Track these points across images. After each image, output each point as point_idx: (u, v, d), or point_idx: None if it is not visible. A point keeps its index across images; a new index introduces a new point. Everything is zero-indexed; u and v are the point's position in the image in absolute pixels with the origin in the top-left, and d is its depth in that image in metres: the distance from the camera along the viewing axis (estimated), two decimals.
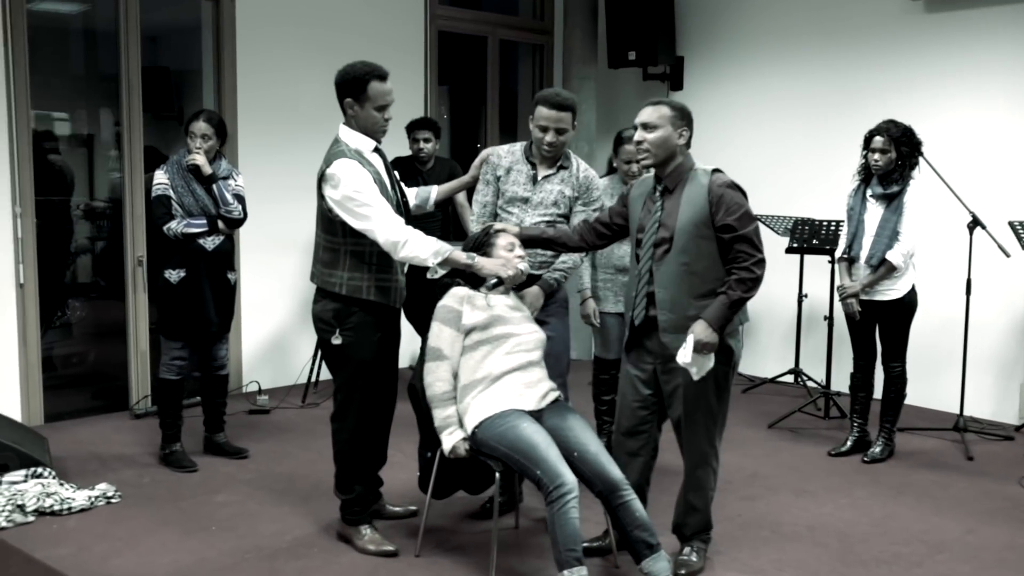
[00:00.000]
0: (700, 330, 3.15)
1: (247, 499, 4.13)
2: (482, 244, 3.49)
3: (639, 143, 3.31)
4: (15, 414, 5.00)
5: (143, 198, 5.33)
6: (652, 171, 3.39)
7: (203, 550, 3.58)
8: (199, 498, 4.13)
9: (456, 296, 3.44)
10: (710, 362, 3.18)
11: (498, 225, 3.55)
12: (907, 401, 4.83)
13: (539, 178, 3.77)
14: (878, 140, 4.58)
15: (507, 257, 3.42)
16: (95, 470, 4.42)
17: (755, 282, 3.17)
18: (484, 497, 3.89)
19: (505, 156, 3.83)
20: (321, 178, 3.42)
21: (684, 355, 3.15)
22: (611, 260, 4.38)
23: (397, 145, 5.70)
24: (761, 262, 3.18)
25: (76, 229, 7.29)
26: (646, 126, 3.29)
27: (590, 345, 7.01)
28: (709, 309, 3.17)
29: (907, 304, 4.66)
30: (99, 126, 7.55)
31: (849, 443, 4.90)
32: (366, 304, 3.47)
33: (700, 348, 3.14)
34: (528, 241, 3.55)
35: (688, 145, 3.33)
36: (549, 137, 3.67)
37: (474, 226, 3.82)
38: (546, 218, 3.76)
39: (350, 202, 3.33)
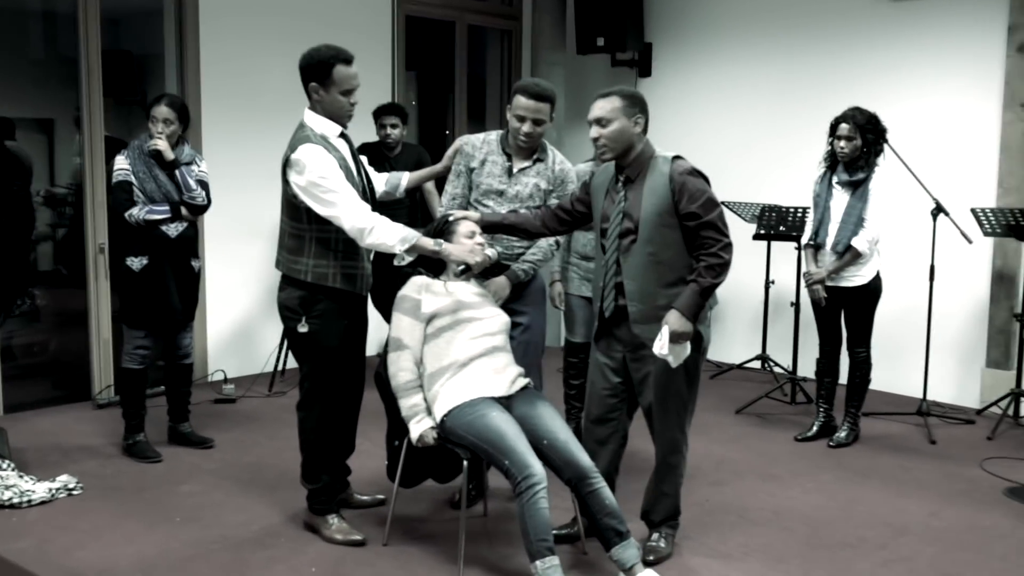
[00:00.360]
0: (674, 320, 3.14)
1: (212, 489, 4.08)
2: (442, 232, 3.46)
3: (596, 139, 3.26)
4: None
5: (104, 184, 5.24)
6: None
7: (167, 541, 3.54)
8: (163, 489, 4.08)
9: (414, 285, 3.42)
10: (687, 350, 3.18)
11: (457, 213, 3.51)
12: (872, 386, 4.89)
13: (515, 171, 3.71)
14: (844, 127, 4.60)
15: (470, 244, 3.40)
16: (56, 461, 4.35)
17: (724, 267, 3.17)
18: (452, 487, 3.87)
19: (480, 147, 3.75)
20: (286, 163, 3.37)
21: (660, 346, 3.14)
22: (576, 247, 4.40)
23: (364, 131, 5.65)
24: (728, 246, 3.17)
25: (36, 216, 7.17)
26: (600, 121, 3.24)
27: (560, 332, 7.01)
28: (681, 298, 3.16)
29: (872, 290, 4.70)
30: (59, 111, 7.41)
31: (815, 428, 4.94)
32: (332, 292, 3.43)
33: (676, 338, 3.14)
34: (489, 227, 3.52)
35: (645, 131, 3.29)
36: (526, 128, 3.61)
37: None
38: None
39: (315, 188, 3.29)
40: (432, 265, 3.45)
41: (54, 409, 5.26)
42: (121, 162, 4.37)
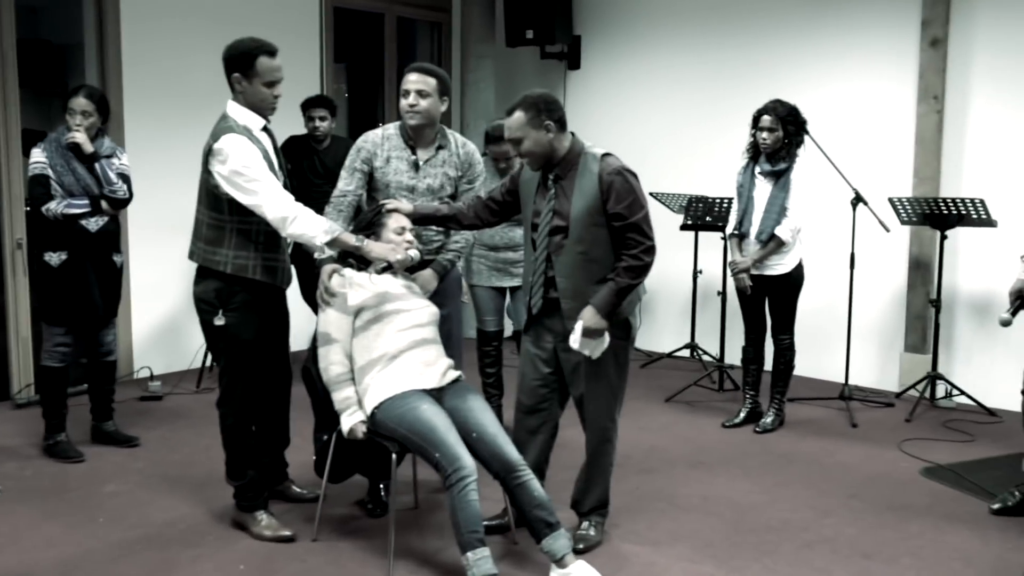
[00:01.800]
0: (589, 316, 3.18)
1: (138, 488, 4.01)
2: (372, 224, 3.43)
3: (519, 155, 3.31)
4: None
5: (21, 178, 5.09)
6: None
7: (90, 542, 3.46)
8: (86, 489, 3.99)
9: (338, 278, 3.40)
10: (603, 343, 3.23)
11: (391, 204, 3.48)
12: (795, 372, 5.00)
13: (421, 163, 3.68)
14: (765, 119, 4.70)
15: (396, 241, 3.38)
16: None
17: (643, 269, 3.20)
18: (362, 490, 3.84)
19: (381, 143, 3.67)
20: (208, 153, 3.32)
21: (575, 340, 3.20)
22: (483, 239, 4.44)
23: (292, 124, 5.59)
24: (650, 249, 3.20)
25: None
26: (513, 141, 3.27)
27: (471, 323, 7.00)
28: (597, 295, 3.19)
29: (794, 278, 4.81)
30: None
31: (742, 414, 5.05)
32: (251, 284, 3.40)
33: (589, 333, 3.19)
34: (421, 219, 3.51)
35: (563, 127, 3.27)
36: (410, 99, 3.57)
37: (330, 215, 3.59)
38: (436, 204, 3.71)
39: (238, 177, 3.25)
40: (356, 258, 3.42)
41: None
42: (37, 155, 4.25)
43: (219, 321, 3.40)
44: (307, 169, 5.59)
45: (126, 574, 3.23)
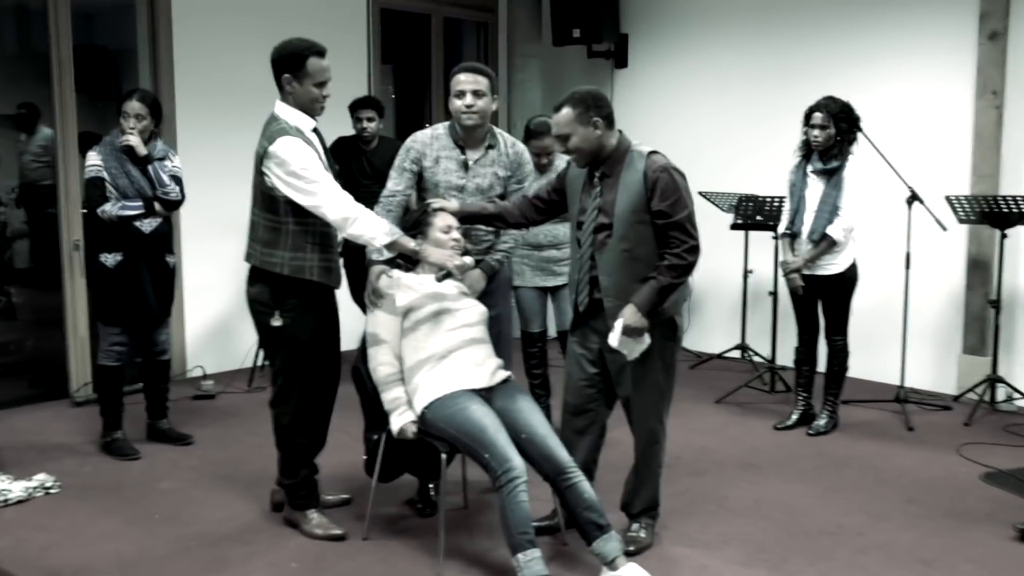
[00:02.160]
0: (629, 315, 3.15)
1: (191, 486, 4.06)
2: (419, 223, 3.44)
3: (566, 152, 3.29)
4: None
5: (78, 181, 5.19)
6: None
7: (146, 539, 3.52)
8: (142, 486, 4.06)
9: (386, 279, 3.41)
10: (643, 343, 3.19)
11: (436, 203, 3.48)
12: (849, 374, 4.91)
13: (470, 163, 3.68)
14: (817, 116, 4.62)
15: (443, 240, 3.38)
16: (33, 460, 4.31)
17: (685, 269, 3.17)
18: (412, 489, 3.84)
19: (430, 143, 3.68)
20: (263, 155, 3.33)
21: (614, 338, 3.17)
22: (527, 238, 4.41)
23: (340, 125, 5.62)
24: (693, 249, 3.16)
25: (10, 214, 7.12)
26: (560, 137, 3.25)
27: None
28: (639, 293, 3.16)
29: (848, 278, 4.72)
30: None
31: (794, 417, 4.97)
32: (307, 285, 3.42)
33: (629, 332, 3.16)
34: (467, 218, 3.51)
35: (611, 124, 3.25)
36: (467, 100, 3.55)
37: (379, 215, 3.56)
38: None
39: (297, 179, 3.27)
40: (408, 257, 3.43)
41: (31, 407, 5.21)
42: (93, 158, 4.33)
43: (276, 322, 3.42)
44: (355, 170, 5.63)
45: (181, 570, 3.28)
